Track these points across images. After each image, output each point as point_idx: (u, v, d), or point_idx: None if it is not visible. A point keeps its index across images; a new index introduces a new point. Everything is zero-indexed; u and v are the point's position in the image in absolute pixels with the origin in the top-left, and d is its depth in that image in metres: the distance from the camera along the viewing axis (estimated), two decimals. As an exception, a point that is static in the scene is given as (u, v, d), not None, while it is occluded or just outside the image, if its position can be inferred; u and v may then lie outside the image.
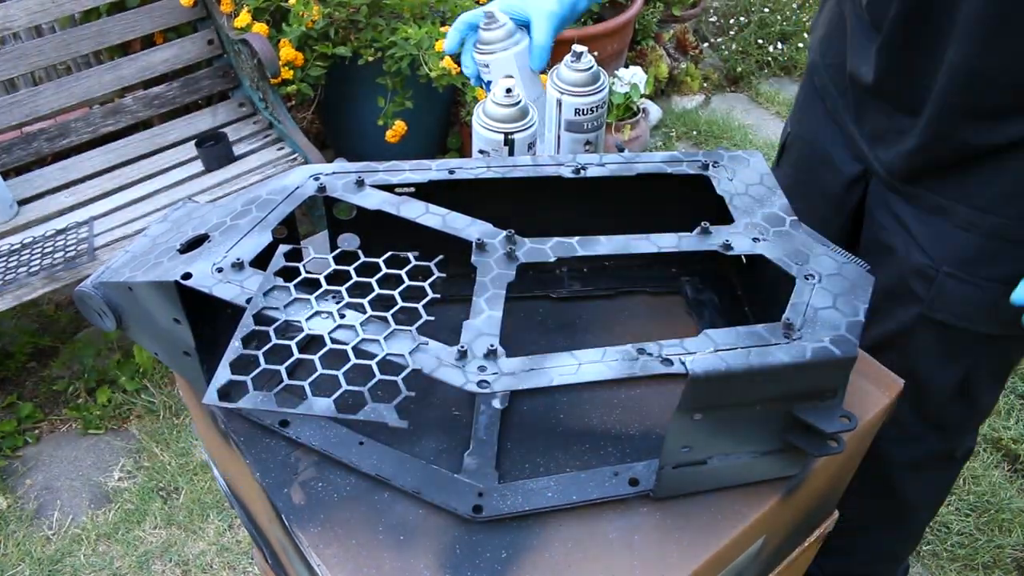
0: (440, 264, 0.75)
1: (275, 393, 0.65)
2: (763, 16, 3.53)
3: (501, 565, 0.72)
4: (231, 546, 1.92)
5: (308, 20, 2.27)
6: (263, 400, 0.65)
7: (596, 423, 0.84)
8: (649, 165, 0.88)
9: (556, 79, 1.00)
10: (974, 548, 1.91)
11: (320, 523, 0.75)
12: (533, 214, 0.87)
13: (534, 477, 0.79)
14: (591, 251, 0.79)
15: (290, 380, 0.66)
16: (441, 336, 0.70)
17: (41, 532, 1.96)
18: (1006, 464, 2.09)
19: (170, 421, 2.19)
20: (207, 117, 2.50)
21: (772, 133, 3.21)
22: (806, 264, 0.77)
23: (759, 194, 0.86)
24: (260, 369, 0.66)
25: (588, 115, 1.00)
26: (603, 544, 0.74)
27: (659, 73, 3.22)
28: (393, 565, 0.72)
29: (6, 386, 2.27)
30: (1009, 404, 2.22)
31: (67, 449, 2.14)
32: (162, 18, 2.40)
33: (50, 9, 2.25)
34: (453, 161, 0.89)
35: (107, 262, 0.82)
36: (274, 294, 0.72)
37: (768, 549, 0.89)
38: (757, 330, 0.70)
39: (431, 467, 0.79)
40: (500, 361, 0.68)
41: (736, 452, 0.74)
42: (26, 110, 2.26)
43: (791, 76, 3.56)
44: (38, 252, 2.06)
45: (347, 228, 0.94)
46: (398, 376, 0.65)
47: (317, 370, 0.66)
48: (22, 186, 2.28)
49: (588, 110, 0.99)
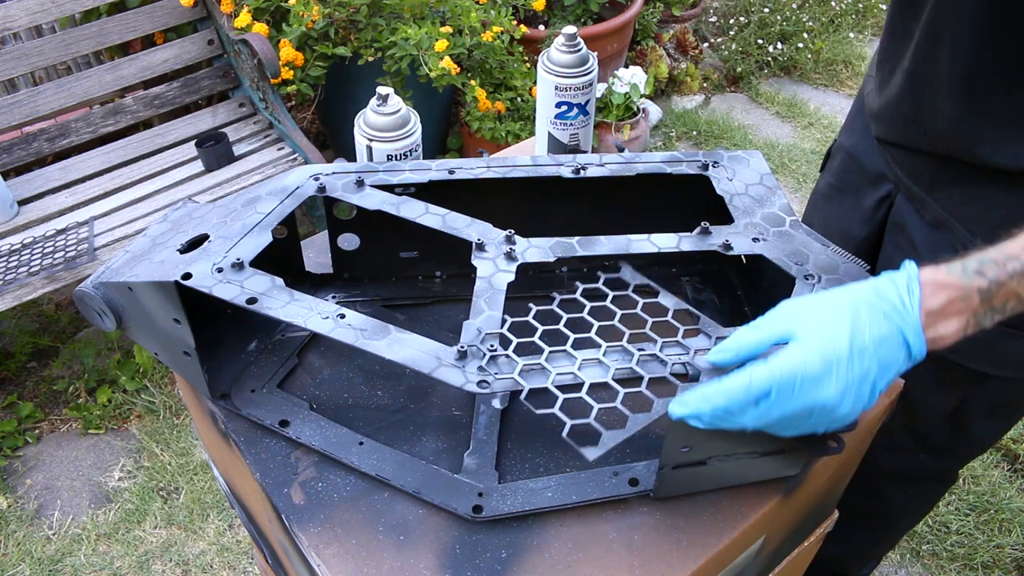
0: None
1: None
2: (763, 16, 3.53)
3: (501, 565, 0.72)
4: (231, 546, 1.92)
5: (308, 20, 2.27)
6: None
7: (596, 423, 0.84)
8: (649, 165, 0.88)
9: (546, 61, 1.00)
10: (973, 547, 1.91)
11: (320, 523, 0.75)
12: (533, 214, 0.87)
13: (534, 477, 0.79)
14: (591, 251, 0.79)
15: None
16: (441, 336, 0.70)
17: (41, 532, 1.96)
18: (1006, 464, 2.09)
19: (170, 421, 2.19)
20: (207, 117, 2.50)
21: (772, 133, 3.22)
22: (806, 264, 0.77)
23: (759, 194, 0.86)
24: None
25: (571, 92, 0.99)
26: (603, 544, 0.74)
27: (659, 73, 3.22)
28: (393, 565, 0.72)
29: (6, 386, 2.28)
30: (1009, 404, 2.22)
31: (67, 449, 2.14)
32: (162, 18, 2.41)
33: (50, 9, 2.25)
34: (453, 161, 0.89)
35: (107, 262, 0.82)
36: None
37: (768, 549, 0.89)
38: (757, 330, 0.70)
39: (431, 467, 0.79)
40: (500, 361, 0.68)
41: (736, 452, 0.74)
42: (26, 110, 2.26)
43: (791, 76, 3.56)
44: (38, 252, 2.06)
45: (347, 228, 0.94)
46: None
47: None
48: (22, 186, 2.28)
49: (571, 88, 0.99)
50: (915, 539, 1.93)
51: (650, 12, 3.24)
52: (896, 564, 1.89)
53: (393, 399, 0.87)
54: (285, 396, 0.85)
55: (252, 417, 0.83)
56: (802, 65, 3.55)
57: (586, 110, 1.03)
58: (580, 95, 1.01)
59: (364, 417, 0.85)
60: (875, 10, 3.90)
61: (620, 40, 2.98)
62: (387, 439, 0.82)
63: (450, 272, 0.98)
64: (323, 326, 0.71)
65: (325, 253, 0.98)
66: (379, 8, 2.37)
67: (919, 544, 1.92)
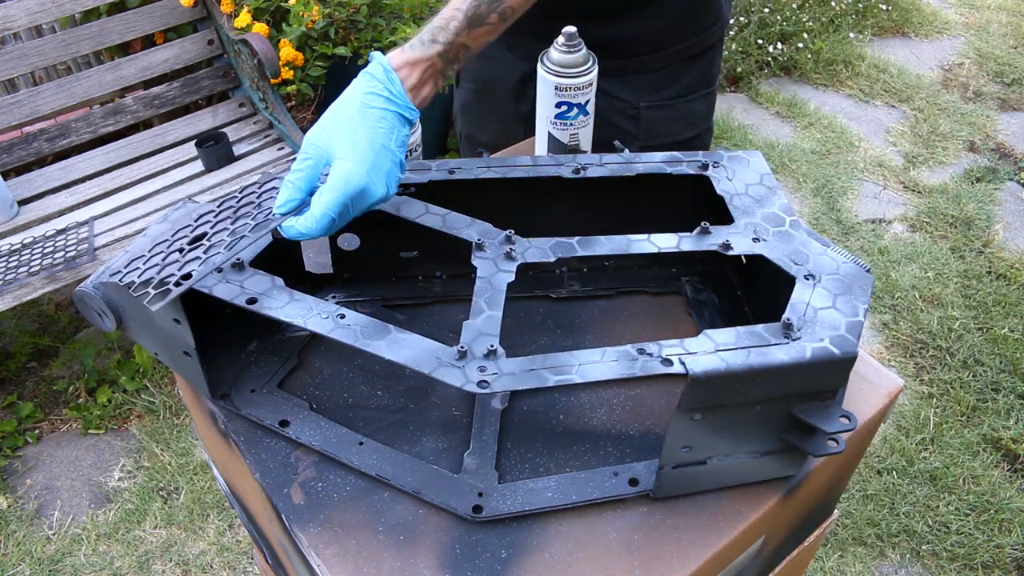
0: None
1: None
2: (763, 16, 3.53)
3: (501, 565, 0.72)
4: (231, 546, 1.92)
5: (308, 20, 2.28)
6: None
7: (596, 423, 0.84)
8: (649, 165, 0.88)
9: (546, 61, 1.00)
10: (973, 547, 1.91)
11: (320, 523, 0.75)
12: (533, 214, 0.87)
13: (534, 477, 0.79)
14: (591, 251, 0.79)
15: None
16: (441, 336, 0.70)
17: (41, 532, 1.96)
18: (1006, 464, 2.09)
19: (170, 421, 2.19)
20: (207, 117, 2.50)
21: (772, 133, 3.22)
22: (806, 264, 0.77)
23: (759, 194, 0.86)
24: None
25: (571, 92, 1.00)
26: (603, 544, 0.74)
27: (659, 73, 3.22)
28: (393, 565, 0.72)
29: (6, 386, 2.28)
30: (1009, 404, 2.22)
31: (67, 449, 2.14)
32: (162, 18, 2.41)
33: (50, 9, 2.25)
34: (453, 161, 0.89)
35: (107, 262, 0.82)
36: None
37: (768, 549, 0.89)
38: (757, 330, 0.70)
39: (431, 467, 0.79)
40: (500, 361, 0.68)
41: (736, 452, 0.74)
42: (26, 110, 2.26)
43: (791, 76, 3.57)
44: (38, 252, 2.06)
45: (347, 228, 0.94)
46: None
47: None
48: (22, 186, 2.28)
49: (571, 88, 0.99)
50: (915, 539, 1.93)
51: (650, 12, 3.24)
52: (896, 564, 1.89)
53: (393, 399, 0.87)
54: (285, 396, 0.86)
55: (252, 417, 0.83)
56: (802, 65, 3.55)
57: (586, 110, 1.03)
58: (580, 95, 1.01)
59: (364, 417, 0.85)
60: (875, 10, 3.90)
61: (620, 40, 2.98)
62: (387, 439, 0.82)
63: (450, 272, 0.98)
64: (323, 326, 0.71)
65: (325, 253, 0.98)
66: (379, 8, 2.37)
67: (919, 544, 1.92)
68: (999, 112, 3.41)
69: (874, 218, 2.87)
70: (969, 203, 2.91)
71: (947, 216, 2.86)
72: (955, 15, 4.06)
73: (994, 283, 2.60)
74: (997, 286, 2.58)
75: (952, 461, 2.08)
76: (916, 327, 2.45)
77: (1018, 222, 2.86)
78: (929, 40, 3.86)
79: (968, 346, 2.38)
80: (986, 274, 2.63)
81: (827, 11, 3.70)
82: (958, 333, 2.42)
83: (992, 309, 2.50)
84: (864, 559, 1.90)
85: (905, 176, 3.06)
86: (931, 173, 3.08)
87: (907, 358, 2.38)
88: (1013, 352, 2.35)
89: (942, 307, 2.52)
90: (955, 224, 2.84)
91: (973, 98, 3.48)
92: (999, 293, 2.55)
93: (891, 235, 2.80)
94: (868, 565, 1.89)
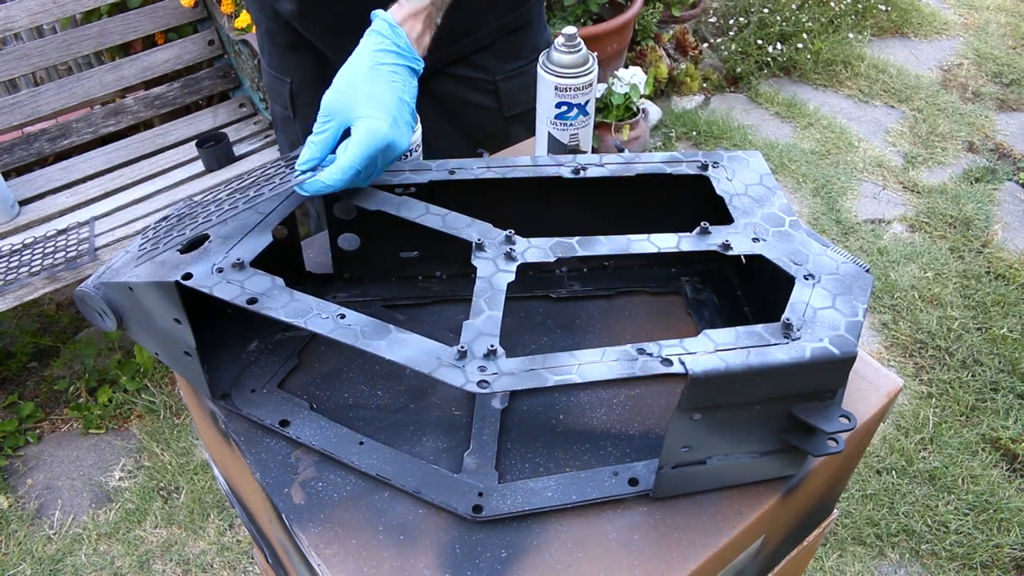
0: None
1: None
2: (763, 16, 3.53)
3: (501, 565, 0.72)
4: (231, 546, 1.93)
5: (308, 20, 2.27)
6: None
7: (596, 423, 0.84)
8: (649, 165, 0.88)
9: (546, 61, 1.00)
10: (972, 547, 1.91)
11: (320, 523, 0.76)
12: (533, 214, 0.88)
13: (534, 477, 0.79)
14: (591, 251, 0.79)
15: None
16: (441, 336, 0.70)
17: (42, 532, 1.96)
18: (1005, 463, 2.10)
19: (170, 421, 2.19)
20: (208, 117, 2.50)
21: (771, 133, 3.22)
22: (805, 264, 0.77)
23: (758, 194, 0.86)
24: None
25: (571, 92, 1.00)
26: (603, 544, 0.74)
27: (659, 73, 3.22)
28: (393, 565, 0.72)
29: (7, 386, 2.28)
30: (1008, 404, 2.22)
31: (68, 449, 2.14)
32: (163, 19, 2.41)
33: (51, 10, 2.25)
34: (453, 161, 0.89)
35: (108, 262, 0.82)
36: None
37: (768, 548, 0.89)
38: (757, 330, 0.70)
39: (431, 467, 0.79)
40: (500, 361, 0.68)
41: (735, 452, 0.75)
42: (27, 110, 2.26)
43: (791, 76, 3.57)
44: (39, 252, 2.07)
45: (347, 228, 0.94)
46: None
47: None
48: (23, 186, 2.28)
49: (571, 88, 1.00)
50: (914, 538, 1.93)
51: (650, 12, 3.24)
52: (895, 564, 1.89)
53: (393, 399, 0.87)
54: (285, 396, 0.86)
55: (252, 417, 0.84)
56: (802, 65, 3.55)
57: (586, 110, 1.03)
58: (580, 95, 1.01)
59: (364, 417, 0.85)
60: (875, 10, 3.90)
61: (620, 40, 2.98)
62: (387, 439, 0.82)
63: (450, 272, 0.98)
64: (323, 326, 0.71)
65: (325, 253, 0.98)
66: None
67: (918, 544, 1.92)
68: (998, 112, 3.41)
69: (873, 218, 2.87)
70: (968, 203, 2.91)
71: (946, 216, 2.87)
72: (954, 16, 4.06)
73: (993, 283, 2.60)
74: (996, 286, 2.59)
75: (951, 461, 2.08)
76: (915, 327, 2.45)
77: (1017, 222, 2.86)
78: (928, 40, 3.86)
79: (967, 346, 2.39)
80: (985, 274, 2.64)
81: (826, 11, 3.70)
82: (957, 333, 2.43)
83: (991, 309, 2.50)
84: (863, 559, 1.90)
85: (904, 176, 3.06)
86: (930, 173, 3.08)
87: (906, 358, 2.38)
88: (1012, 352, 2.36)
89: (941, 307, 2.52)
90: (954, 224, 2.84)
91: (972, 98, 3.48)
92: (998, 293, 2.56)
93: (890, 235, 2.80)
94: (867, 565, 1.89)
